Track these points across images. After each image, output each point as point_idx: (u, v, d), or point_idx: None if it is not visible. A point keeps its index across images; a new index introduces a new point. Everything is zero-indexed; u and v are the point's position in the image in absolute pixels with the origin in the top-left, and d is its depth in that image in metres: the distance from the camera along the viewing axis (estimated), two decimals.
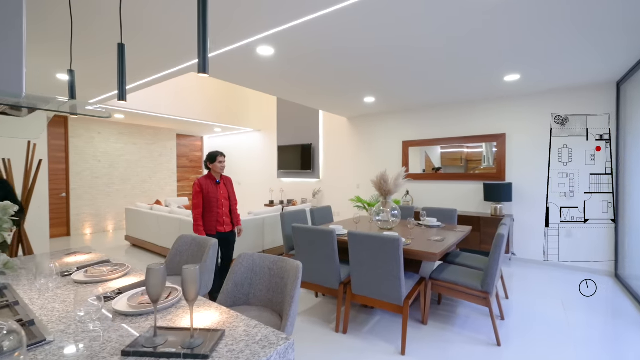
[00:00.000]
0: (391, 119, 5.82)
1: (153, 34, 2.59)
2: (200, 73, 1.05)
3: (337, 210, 6.62)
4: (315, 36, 2.62)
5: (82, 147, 6.50)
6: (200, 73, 1.05)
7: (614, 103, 3.89)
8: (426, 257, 2.42)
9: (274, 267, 1.52)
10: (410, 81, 3.87)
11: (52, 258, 1.88)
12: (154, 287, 0.93)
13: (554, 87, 4.11)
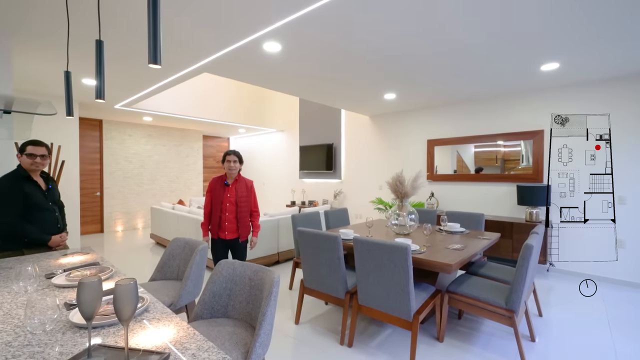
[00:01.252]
0: (415, 116, 5.50)
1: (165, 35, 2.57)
2: (150, 64, 0.94)
3: (358, 212, 6.40)
4: (323, 29, 2.46)
5: (114, 149, 6.85)
6: (150, 64, 0.94)
7: None
8: (440, 268, 2.17)
9: (255, 277, 1.39)
10: (434, 75, 3.58)
11: (49, 258, 1.90)
12: (85, 304, 0.83)
13: (600, 77, 3.61)
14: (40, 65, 3.38)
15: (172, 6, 2.14)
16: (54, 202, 2.33)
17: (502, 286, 2.40)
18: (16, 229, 2.06)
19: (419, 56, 3.03)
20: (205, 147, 8.86)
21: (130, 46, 2.85)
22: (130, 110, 5.80)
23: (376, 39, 2.65)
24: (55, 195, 2.39)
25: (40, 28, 2.51)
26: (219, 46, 2.81)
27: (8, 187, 2.07)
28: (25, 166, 2.16)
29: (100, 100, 1.38)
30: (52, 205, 2.30)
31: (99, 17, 1.44)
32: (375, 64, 3.26)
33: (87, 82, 3.99)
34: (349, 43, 2.74)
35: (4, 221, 2.03)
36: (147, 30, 2.53)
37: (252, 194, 2.95)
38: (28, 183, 2.17)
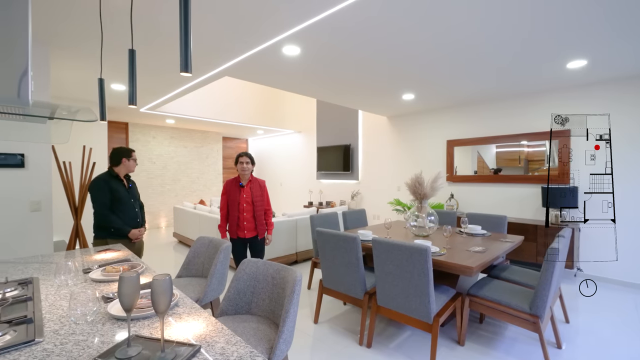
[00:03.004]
0: (434, 116, 5.42)
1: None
2: (182, 72, 1.00)
3: (376, 213, 6.37)
4: (341, 31, 2.49)
5: (139, 150, 7.13)
6: (182, 72, 1.00)
7: None
8: (461, 270, 2.14)
9: (277, 276, 1.44)
10: (454, 74, 3.53)
11: (84, 254, 2.02)
12: (126, 297, 0.89)
13: (631, 73, 3.44)
14: (74, 72, 3.58)
15: (197, 13, 2.22)
16: (135, 199, 2.70)
17: (525, 290, 2.34)
18: (105, 219, 2.45)
19: (439, 56, 3.00)
20: (225, 149, 9.07)
21: (158, 53, 2.97)
22: (154, 113, 6.03)
23: (395, 40, 2.65)
24: (136, 194, 2.77)
25: (74, 37, 2.66)
26: (240, 51, 2.89)
27: (102, 183, 2.50)
28: (129, 169, 2.68)
29: (132, 106, 1.47)
30: (134, 201, 2.68)
31: (131, 26, 1.52)
32: (393, 65, 3.25)
33: (116, 87, 4.19)
34: (368, 45, 2.75)
35: (97, 211, 2.46)
36: (175, 38, 2.64)
37: (265, 193, 3.05)
38: (115, 181, 2.59)
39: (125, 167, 2.66)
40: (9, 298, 1.25)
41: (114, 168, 2.62)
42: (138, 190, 2.85)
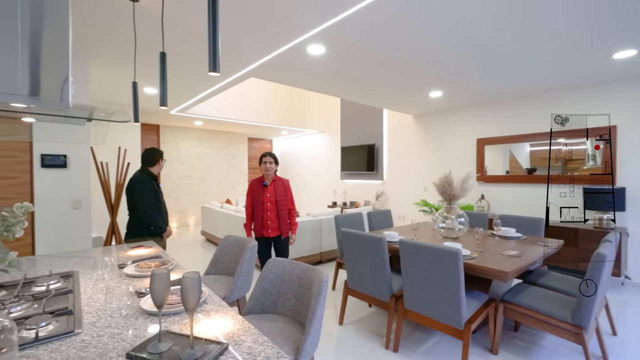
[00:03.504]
0: (463, 114, 5.22)
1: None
2: (210, 72, 1.00)
3: (402, 214, 6.23)
4: (367, 29, 2.44)
5: (169, 151, 7.42)
6: (210, 72, 1.00)
7: None
8: (495, 275, 2.03)
9: (303, 276, 1.42)
10: (486, 70, 3.37)
11: (119, 250, 2.11)
12: (157, 293, 0.91)
13: None
14: (109, 77, 3.78)
15: (223, 14, 2.26)
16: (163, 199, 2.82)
17: (566, 299, 2.18)
18: (152, 219, 2.57)
19: (469, 51, 2.87)
20: (250, 149, 9.24)
21: (187, 56, 3.07)
22: (183, 116, 6.25)
23: (423, 35, 2.56)
24: (162, 193, 2.87)
25: (110, 44, 2.80)
26: (265, 51, 2.91)
27: (149, 184, 2.62)
28: (161, 169, 2.82)
29: (163, 107, 1.51)
30: (164, 201, 2.80)
31: (162, 30, 1.57)
32: (421, 62, 3.15)
33: (148, 91, 4.38)
34: (392, 42, 2.68)
35: (145, 211, 2.55)
36: (203, 40, 2.71)
37: (289, 192, 3.03)
38: (154, 181, 2.71)
39: (159, 168, 2.78)
40: (52, 290, 1.32)
41: (150, 168, 2.72)
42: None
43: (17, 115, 1.31)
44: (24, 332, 1.00)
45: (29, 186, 2.80)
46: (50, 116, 1.29)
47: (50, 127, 2.62)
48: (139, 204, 2.54)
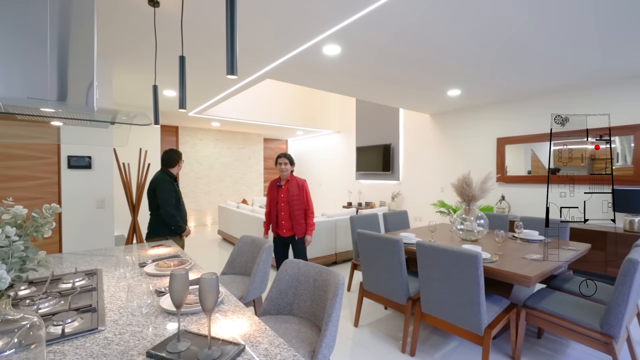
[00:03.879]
0: (482, 113, 5.08)
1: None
2: (228, 75, 1.01)
3: (418, 215, 6.14)
4: (384, 28, 2.41)
5: (188, 152, 7.60)
6: (228, 75, 1.01)
7: None
8: (517, 280, 1.96)
9: (319, 277, 1.42)
10: (507, 67, 3.27)
11: (140, 249, 2.17)
12: (176, 293, 0.92)
13: None
14: (130, 80, 3.90)
15: (242, 18, 2.29)
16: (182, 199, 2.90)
17: (594, 305, 2.08)
18: (173, 219, 2.64)
19: (490, 49, 2.79)
20: (266, 150, 9.33)
21: (205, 58, 3.13)
22: (201, 117, 6.38)
23: (442, 32, 2.51)
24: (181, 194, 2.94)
25: (131, 48, 2.89)
26: (281, 52, 2.93)
27: (171, 185, 2.70)
28: (179, 170, 2.90)
29: (182, 109, 1.54)
30: (183, 201, 2.88)
31: (182, 33, 1.60)
32: (440, 59, 3.08)
33: (167, 94, 4.49)
34: (412, 40, 2.64)
35: (167, 211, 2.63)
36: (221, 43, 2.75)
37: (304, 192, 2.97)
38: (174, 182, 2.78)
39: (178, 169, 2.86)
40: (78, 287, 1.37)
41: (170, 169, 2.79)
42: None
43: (46, 120, 1.37)
44: (51, 327, 1.04)
45: (57, 186, 2.92)
46: (76, 120, 1.34)
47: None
48: (161, 204, 2.61)
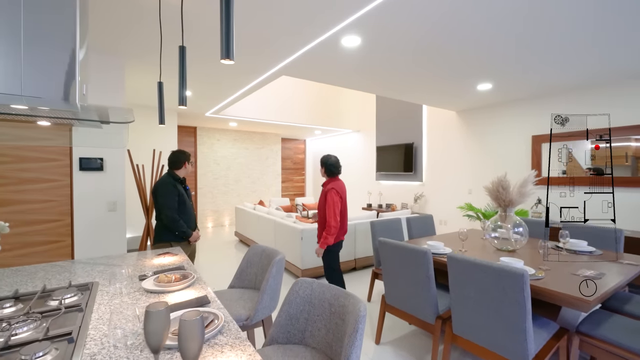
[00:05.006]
0: (515, 109, 4.67)
1: (245, 39, 2.61)
2: (222, 59, 0.81)
3: (443, 219, 5.78)
4: (408, 16, 2.15)
5: (205, 153, 7.57)
6: (222, 59, 0.81)
7: None
8: (572, 303, 1.65)
9: (335, 302, 1.20)
10: (546, 57, 2.91)
11: (144, 258, 2.03)
12: (152, 335, 0.73)
13: None
14: (145, 79, 3.83)
15: (252, 7, 2.10)
16: (191, 202, 2.73)
17: None
18: (176, 223, 2.47)
19: (525, 37, 2.46)
20: (284, 150, 9.20)
21: (218, 57, 2.98)
22: (219, 117, 6.31)
23: (474, 20, 2.21)
24: (191, 196, 2.79)
25: (143, 47, 2.78)
26: (296, 45, 2.73)
27: (172, 187, 2.52)
28: (188, 173, 2.71)
29: (182, 107, 1.36)
30: (191, 204, 2.72)
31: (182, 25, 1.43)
32: (469, 49, 2.77)
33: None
34: (438, 29, 2.35)
35: (168, 215, 2.46)
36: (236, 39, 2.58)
37: (326, 200, 2.75)
38: (179, 184, 2.60)
39: (186, 171, 2.69)
40: (63, 308, 1.22)
41: (176, 171, 2.66)
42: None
43: (29, 120, 1.22)
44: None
45: (69, 188, 2.86)
46: (58, 119, 1.19)
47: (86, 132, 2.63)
48: (161, 208, 2.48)
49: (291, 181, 9.44)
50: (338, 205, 2.75)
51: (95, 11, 2.17)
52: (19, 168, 2.67)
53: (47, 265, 1.86)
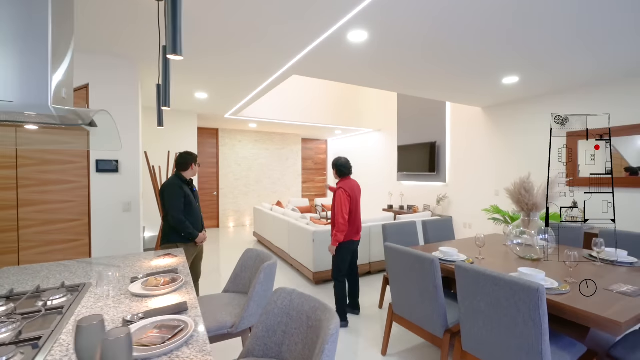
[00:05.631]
0: (546, 103, 4.29)
1: (254, 41, 2.59)
2: (169, 55, 0.75)
3: (468, 222, 5.45)
4: (419, 4, 2.00)
5: (227, 154, 7.72)
6: (169, 55, 0.75)
7: None
8: (599, 323, 1.44)
9: (313, 316, 1.10)
10: (584, 44, 2.61)
11: (145, 259, 2.05)
12: (83, 352, 0.68)
13: None
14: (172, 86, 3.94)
15: (259, 10, 2.06)
16: (198, 203, 2.75)
17: None
18: (182, 224, 2.49)
19: (561, 19, 2.21)
20: (304, 150, 9.18)
21: (229, 59, 2.98)
22: (238, 119, 6.40)
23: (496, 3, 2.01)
24: (198, 198, 2.81)
25: (153, 51, 2.84)
26: (303, 43, 2.65)
27: (178, 189, 2.54)
28: (195, 174, 2.72)
29: (166, 108, 1.34)
30: (199, 205, 2.74)
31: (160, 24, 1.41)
32: (491, 39, 2.55)
33: (199, 96, 4.49)
34: (455, 17, 2.17)
35: (175, 217, 2.49)
36: (247, 41, 2.56)
37: (334, 200, 2.83)
38: (186, 186, 2.63)
39: (193, 172, 2.71)
40: (43, 309, 1.23)
41: (183, 173, 2.68)
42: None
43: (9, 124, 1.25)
44: None
45: (87, 190, 2.98)
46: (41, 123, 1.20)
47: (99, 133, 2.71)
48: (168, 209, 2.50)
49: (312, 182, 9.40)
50: (346, 204, 2.79)
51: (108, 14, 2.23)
52: (42, 170, 2.83)
53: (53, 264, 1.92)
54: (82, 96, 2.94)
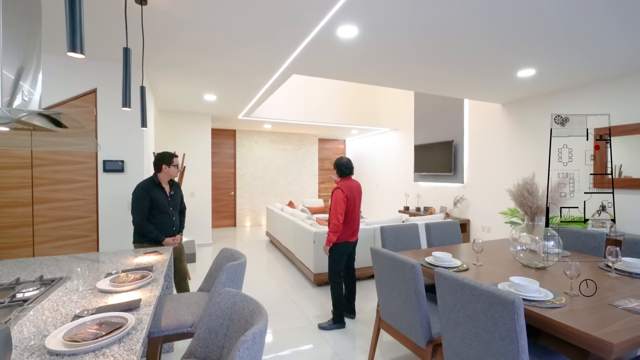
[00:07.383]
0: (571, 97, 3.93)
1: (252, 40, 2.60)
2: (69, 52, 0.75)
3: (486, 225, 5.14)
4: None
5: (244, 154, 7.88)
6: (69, 52, 0.75)
7: None
8: (589, 344, 1.27)
9: (250, 319, 1.06)
10: (606, 31, 2.36)
11: (130, 256, 2.11)
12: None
13: None
14: (177, 87, 4.08)
15: (246, 8, 2.06)
16: (174, 207, 2.70)
17: None
18: (142, 228, 2.48)
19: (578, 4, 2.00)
20: (321, 150, 9.15)
21: (227, 58, 3.02)
22: (252, 120, 6.50)
23: None
24: (177, 200, 2.76)
25: (168, 57, 2.94)
26: (294, 41, 2.62)
27: (144, 191, 2.50)
28: (171, 175, 2.63)
29: (126, 108, 1.36)
30: (173, 210, 2.67)
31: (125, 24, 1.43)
32: (502, 27, 2.37)
33: (208, 98, 4.61)
34: (459, 3, 2.04)
35: (134, 220, 2.49)
36: (247, 41, 2.58)
37: (332, 200, 2.82)
38: (157, 189, 2.58)
39: (166, 174, 2.61)
40: (6, 301, 1.29)
41: (157, 174, 2.62)
42: (182, 195, 2.87)
43: None
44: None
45: (95, 189, 3.15)
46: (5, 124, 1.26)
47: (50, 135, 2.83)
48: (131, 211, 2.50)
49: (330, 182, 9.35)
50: (342, 204, 2.76)
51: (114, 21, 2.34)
52: (55, 170, 3.02)
53: (47, 258, 2.04)
54: (90, 100, 3.11)
